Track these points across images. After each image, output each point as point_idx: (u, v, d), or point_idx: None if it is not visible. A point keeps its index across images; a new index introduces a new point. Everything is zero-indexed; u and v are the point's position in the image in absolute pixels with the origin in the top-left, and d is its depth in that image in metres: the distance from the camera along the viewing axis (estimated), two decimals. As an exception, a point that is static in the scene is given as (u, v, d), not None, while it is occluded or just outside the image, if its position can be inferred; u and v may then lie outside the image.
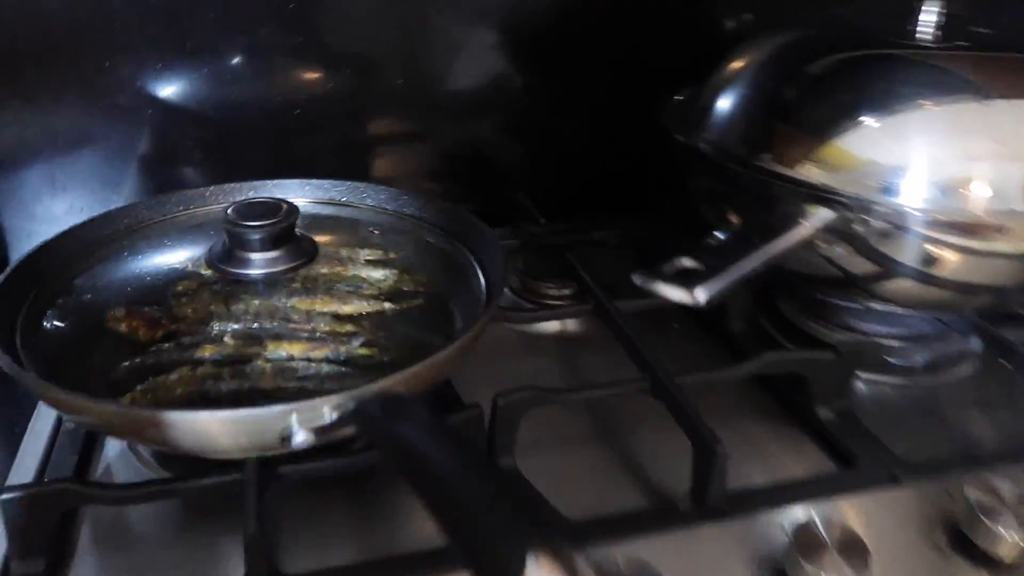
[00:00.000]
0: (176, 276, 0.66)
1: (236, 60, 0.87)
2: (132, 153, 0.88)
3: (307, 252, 0.66)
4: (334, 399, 0.47)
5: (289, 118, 0.91)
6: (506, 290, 0.85)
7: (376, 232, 0.76)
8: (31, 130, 0.84)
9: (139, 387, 0.56)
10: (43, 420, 0.66)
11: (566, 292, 0.83)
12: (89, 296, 0.66)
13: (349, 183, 0.79)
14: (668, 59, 0.94)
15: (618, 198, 0.96)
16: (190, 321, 0.63)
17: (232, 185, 0.77)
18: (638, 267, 0.62)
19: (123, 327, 0.62)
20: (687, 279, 0.59)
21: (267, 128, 0.91)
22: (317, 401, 0.46)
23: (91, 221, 0.70)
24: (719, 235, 0.69)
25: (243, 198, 0.71)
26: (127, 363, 0.58)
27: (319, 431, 0.47)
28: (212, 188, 0.76)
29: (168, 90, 0.86)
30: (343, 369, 0.59)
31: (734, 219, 0.72)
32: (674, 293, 0.59)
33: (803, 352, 0.68)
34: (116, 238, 0.71)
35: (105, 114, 0.85)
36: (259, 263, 0.64)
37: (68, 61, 0.82)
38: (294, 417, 0.47)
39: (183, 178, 0.91)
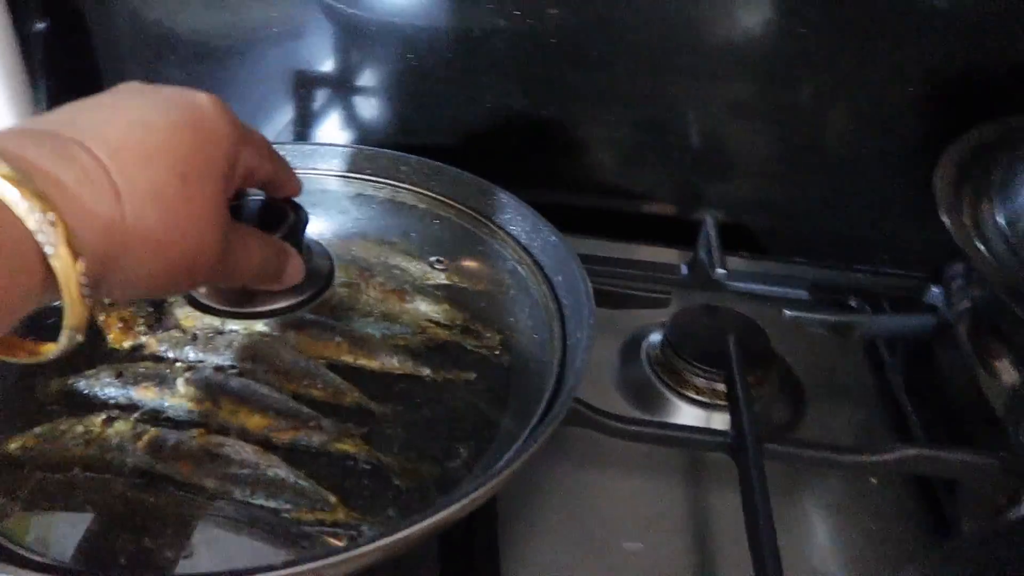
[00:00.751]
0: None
1: None
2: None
3: (320, 278, 0.47)
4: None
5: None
6: (643, 357, 0.61)
7: (438, 258, 0.55)
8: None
9: (38, 429, 0.41)
10: None
11: (719, 389, 0.56)
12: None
13: (414, 159, 0.58)
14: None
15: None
16: (166, 339, 0.47)
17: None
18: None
19: (102, 317, 0.49)
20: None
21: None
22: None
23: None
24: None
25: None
26: (63, 379, 0.44)
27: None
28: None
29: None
30: (298, 480, 0.40)
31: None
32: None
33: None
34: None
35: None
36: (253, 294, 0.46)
37: None
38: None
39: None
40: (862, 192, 0.73)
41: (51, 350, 0.31)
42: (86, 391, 0.44)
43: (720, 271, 0.64)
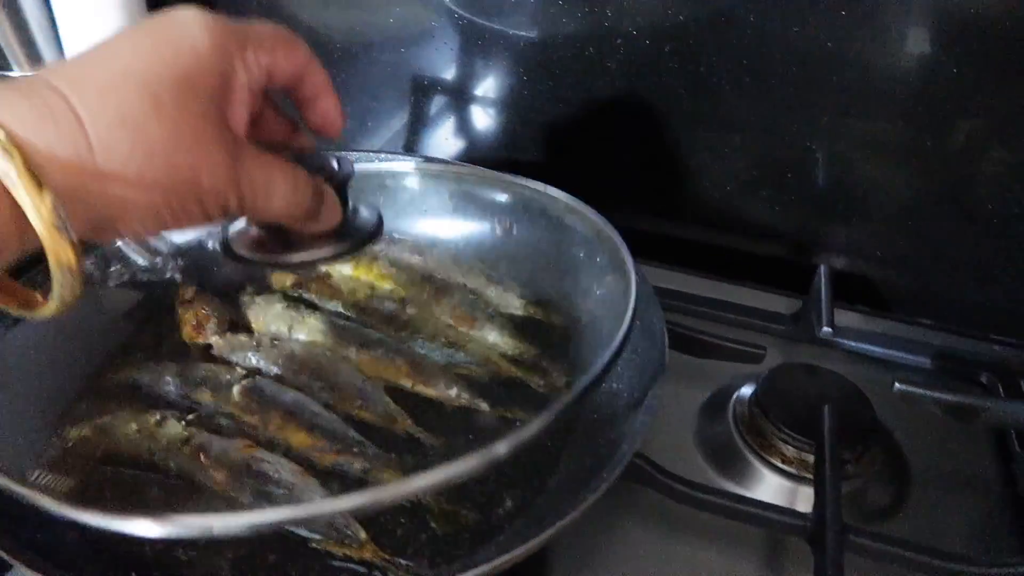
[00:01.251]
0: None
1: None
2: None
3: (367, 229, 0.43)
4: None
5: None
6: (729, 414, 0.56)
7: (517, 286, 0.52)
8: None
9: (98, 420, 0.41)
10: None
11: (809, 461, 0.51)
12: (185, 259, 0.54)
13: (509, 177, 0.55)
14: None
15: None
16: (233, 342, 0.47)
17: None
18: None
19: (180, 310, 0.50)
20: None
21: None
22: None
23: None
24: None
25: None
26: (129, 370, 0.45)
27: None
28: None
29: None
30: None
31: None
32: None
33: None
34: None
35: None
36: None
37: None
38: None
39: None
40: (1011, 253, 0.65)
41: (47, 307, 0.29)
42: (148, 386, 0.44)
43: (827, 329, 0.58)
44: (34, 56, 0.73)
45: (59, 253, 0.26)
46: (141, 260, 0.52)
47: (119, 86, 0.28)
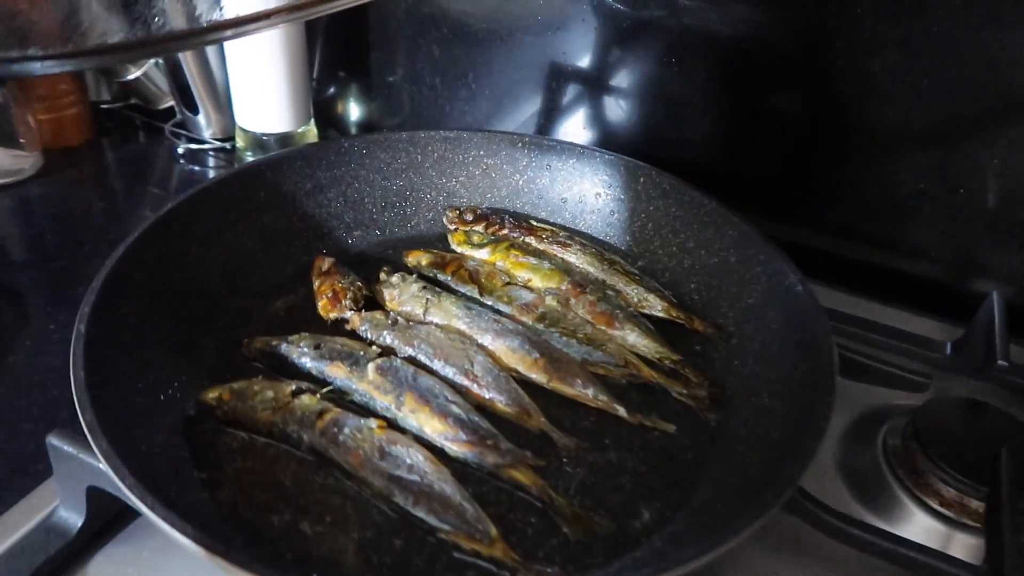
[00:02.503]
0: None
1: None
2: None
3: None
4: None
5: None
6: (878, 445, 0.51)
7: (659, 287, 0.49)
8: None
9: (235, 385, 0.41)
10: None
11: (972, 506, 0.46)
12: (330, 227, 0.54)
13: (655, 171, 0.53)
14: None
15: None
16: (369, 319, 0.46)
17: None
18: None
19: (317, 282, 0.49)
20: None
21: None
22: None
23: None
24: None
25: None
26: (267, 338, 0.45)
27: None
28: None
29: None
30: (463, 501, 0.37)
31: None
32: None
33: None
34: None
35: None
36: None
37: None
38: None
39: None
40: None
41: None
42: (285, 355, 0.44)
43: (1002, 363, 0.52)
44: (219, 104, 0.77)
45: None
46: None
47: None
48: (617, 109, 0.73)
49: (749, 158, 0.67)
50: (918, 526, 0.47)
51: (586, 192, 0.57)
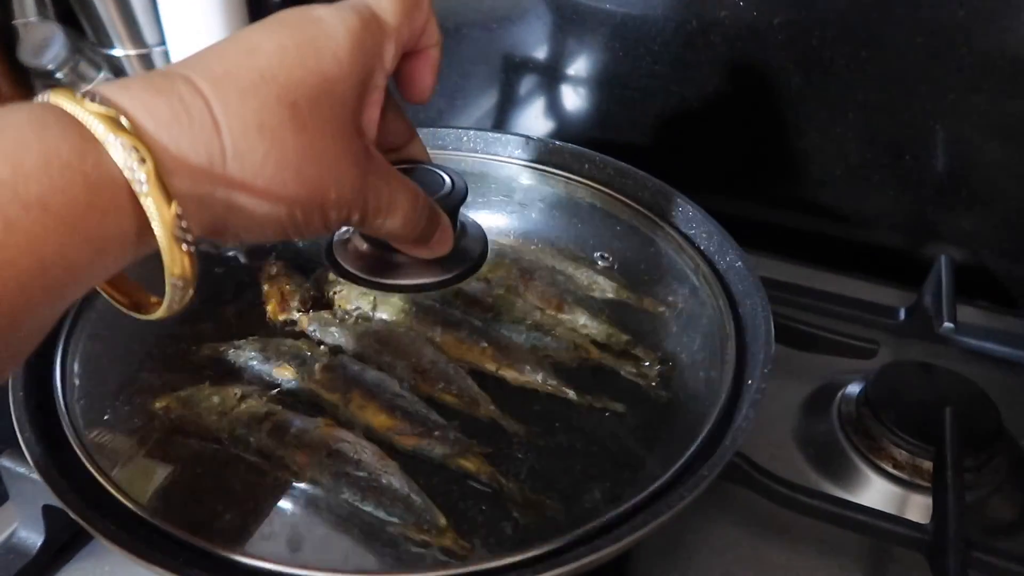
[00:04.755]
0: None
1: None
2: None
3: (471, 256, 0.43)
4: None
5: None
6: (833, 413, 0.52)
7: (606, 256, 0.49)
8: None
9: (181, 392, 0.41)
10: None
11: (924, 467, 0.47)
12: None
13: (598, 157, 0.53)
14: None
15: None
16: (317, 319, 0.47)
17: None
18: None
19: (266, 286, 0.49)
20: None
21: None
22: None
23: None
24: None
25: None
26: (215, 345, 0.45)
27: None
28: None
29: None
30: (411, 494, 0.37)
31: None
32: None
33: None
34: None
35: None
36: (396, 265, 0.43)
37: None
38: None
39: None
40: None
41: (158, 307, 0.28)
42: (232, 361, 0.44)
43: (948, 324, 0.53)
44: (135, 35, 0.75)
45: (175, 263, 0.25)
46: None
47: (260, 90, 0.27)
48: (571, 98, 0.73)
49: (697, 136, 0.68)
50: (875, 491, 0.48)
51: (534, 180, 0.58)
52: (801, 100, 0.63)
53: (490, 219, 0.54)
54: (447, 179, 0.41)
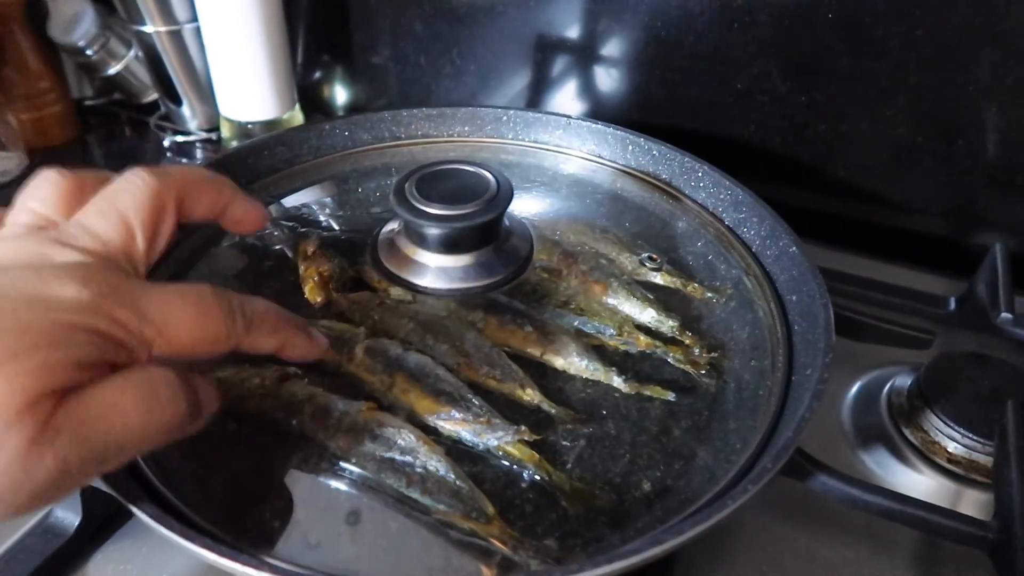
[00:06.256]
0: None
1: None
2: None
3: (517, 259, 0.43)
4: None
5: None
6: (882, 404, 0.51)
7: (651, 255, 0.48)
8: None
9: (220, 373, 0.41)
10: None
11: (980, 461, 0.45)
12: (295, 219, 0.53)
13: (643, 139, 0.51)
14: None
15: None
16: (357, 300, 0.46)
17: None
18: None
19: (302, 267, 0.48)
20: None
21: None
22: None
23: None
24: None
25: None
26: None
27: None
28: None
29: None
30: (456, 480, 0.36)
31: None
32: None
33: None
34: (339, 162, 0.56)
35: None
36: (440, 271, 0.43)
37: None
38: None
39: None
40: None
41: None
42: (272, 342, 0.43)
43: (1006, 315, 0.51)
44: (166, 12, 0.74)
45: None
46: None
47: None
48: (607, 79, 0.72)
49: (741, 120, 0.66)
50: (926, 485, 0.47)
51: (574, 163, 0.56)
52: (850, 81, 0.61)
53: (531, 202, 0.52)
54: (492, 179, 0.40)
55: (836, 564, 0.43)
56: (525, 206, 0.51)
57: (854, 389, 0.52)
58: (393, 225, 0.45)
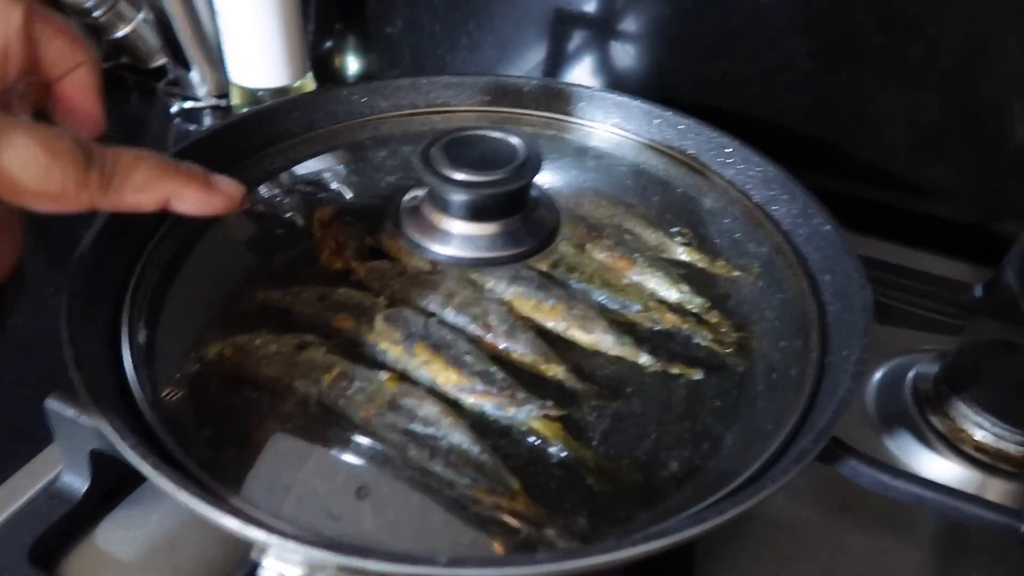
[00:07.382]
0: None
1: None
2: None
3: (542, 231, 0.42)
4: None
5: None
6: (906, 390, 0.50)
7: (679, 230, 0.47)
8: None
9: (236, 339, 0.39)
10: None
11: (1009, 451, 0.44)
12: (310, 185, 0.52)
13: (670, 113, 0.50)
14: None
15: None
16: (376, 268, 0.44)
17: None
18: None
19: (318, 234, 0.47)
20: None
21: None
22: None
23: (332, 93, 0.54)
24: None
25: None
26: (268, 292, 0.43)
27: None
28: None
29: None
30: (481, 454, 0.35)
31: None
32: None
33: None
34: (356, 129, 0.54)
35: None
36: (466, 239, 0.41)
37: None
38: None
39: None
40: None
41: None
42: (289, 308, 0.42)
43: (1035, 303, 0.50)
44: (212, 59, 0.74)
45: None
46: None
47: None
48: (627, 54, 0.70)
49: (766, 99, 0.64)
50: (951, 472, 0.46)
51: (598, 136, 0.55)
52: (880, 61, 0.59)
53: (554, 175, 0.51)
54: (520, 146, 0.39)
55: (857, 548, 0.42)
56: (548, 179, 0.49)
57: (879, 375, 0.51)
58: (417, 192, 0.43)
